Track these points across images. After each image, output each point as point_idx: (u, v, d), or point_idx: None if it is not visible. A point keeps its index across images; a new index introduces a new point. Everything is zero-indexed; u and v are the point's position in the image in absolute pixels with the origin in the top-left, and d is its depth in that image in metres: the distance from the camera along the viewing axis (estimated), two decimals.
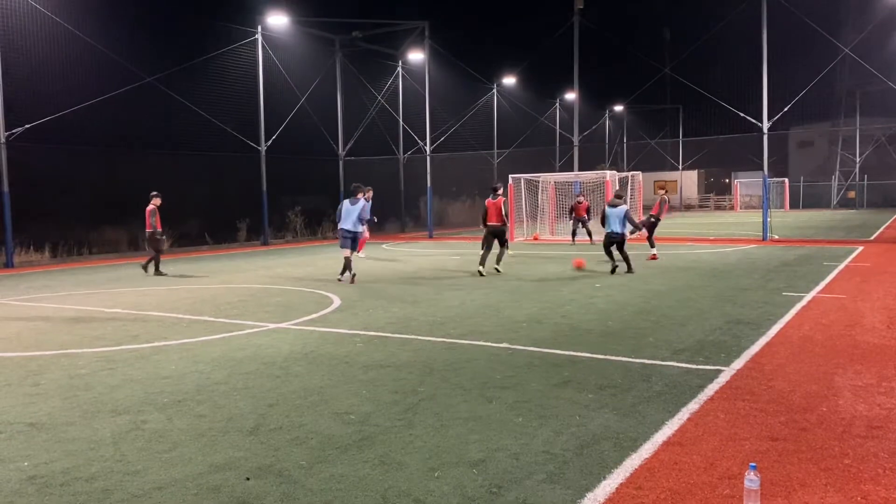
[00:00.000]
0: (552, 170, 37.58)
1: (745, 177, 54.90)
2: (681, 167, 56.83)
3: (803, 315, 8.94)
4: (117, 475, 4.14)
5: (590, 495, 3.75)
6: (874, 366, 6.34)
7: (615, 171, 27.54)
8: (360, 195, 13.40)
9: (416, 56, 29.93)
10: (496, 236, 14.03)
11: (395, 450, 4.45)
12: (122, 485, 4.00)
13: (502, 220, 13.84)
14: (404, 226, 32.82)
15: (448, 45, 29.38)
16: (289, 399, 5.61)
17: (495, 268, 14.11)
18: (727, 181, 62.65)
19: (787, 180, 52.80)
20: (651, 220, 16.87)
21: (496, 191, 14.14)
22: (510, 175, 25.57)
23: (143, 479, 4.07)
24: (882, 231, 26.13)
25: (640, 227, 15.20)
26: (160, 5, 25.27)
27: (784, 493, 3.76)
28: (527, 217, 26.58)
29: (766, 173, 23.27)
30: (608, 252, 13.93)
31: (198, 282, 14.05)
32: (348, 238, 13.27)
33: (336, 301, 10.83)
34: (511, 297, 10.85)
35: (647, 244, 16.82)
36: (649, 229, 16.65)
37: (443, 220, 35.33)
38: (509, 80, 38.57)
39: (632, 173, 26.99)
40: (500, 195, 14.04)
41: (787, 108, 23.17)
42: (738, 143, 36.44)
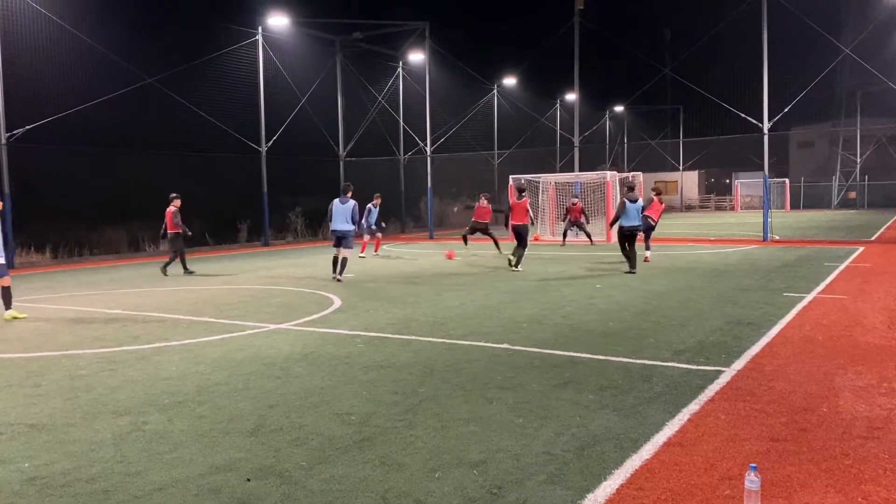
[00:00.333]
0: (553, 170, 37.56)
1: (746, 177, 54.87)
2: (681, 168, 56.86)
3: (804, 316, 8.94)
4: (118, 476, 4.14)
5: (590, 496, 3.75)
6: (875, 366, 6.33)
7: (615, 172, 27.51)
8: (350, 193, 13.50)
9: (417, 57, 29.93)
10: (520, 234, 14.91)
11: (395, 450, 4.45)
12: (122, 486, 4.01)
13: (529, 219, 15.02)
14: (405, 226, 32.84)
15: (448, 45, 29.45)
16: (289, 400, 5.61)
17: (509, 258, 14.88)
18: (728, 182, 62.65)
19: (787, 181, 52.80)
20: (651, 223, 16.88)
21: (522, 192, 15.42)
22: (510, 176, 25.55)
23: (143, 480, 4.07)
24: (883, 231, 26.11)
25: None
26: (161, 6, 25.33)
27: (784, 494, 3.75)
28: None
29: (767, 174, 23.25)
30: (624, 250, 14.03)
31: (198, 282, 14.07)
32: (342, 238, 13.30)
33: (337, 302, 10.84)
34: (511, 298, 10.85)
35: (644, 246, 16.83)
36: (646, 232, 16.70)
37: (443, 221, 35.34)
38: (510, 81, 38.57)
39: (632, 174, 26.96)
40: (525, 196, 15.28)
41: (787, 109, 23.15)
42: (739, 143, 36.50)
